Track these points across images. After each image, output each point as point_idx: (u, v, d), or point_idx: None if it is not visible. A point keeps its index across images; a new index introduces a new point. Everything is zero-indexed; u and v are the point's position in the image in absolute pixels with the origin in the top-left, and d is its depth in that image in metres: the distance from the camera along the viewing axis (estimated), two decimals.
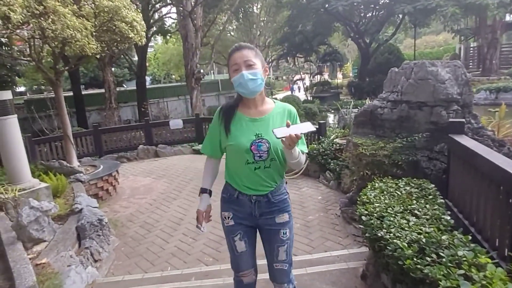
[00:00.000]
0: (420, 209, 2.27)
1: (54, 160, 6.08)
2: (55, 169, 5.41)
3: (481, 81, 17.58)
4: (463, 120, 2.99)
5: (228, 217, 1.83)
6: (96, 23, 5.23)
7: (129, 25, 5.21)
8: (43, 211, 3.32)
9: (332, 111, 16.87)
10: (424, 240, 1.82)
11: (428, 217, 2.18)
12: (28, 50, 6.36)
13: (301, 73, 28.68)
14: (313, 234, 3.88)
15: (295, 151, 1.62)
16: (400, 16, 17.74)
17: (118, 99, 15.54)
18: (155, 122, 10.47)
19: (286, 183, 1.89)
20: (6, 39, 5.10)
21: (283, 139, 1.51)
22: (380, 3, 17.66)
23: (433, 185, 2.72)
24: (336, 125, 10.09)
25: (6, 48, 10.16)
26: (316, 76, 26.29)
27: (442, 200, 2.48)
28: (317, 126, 6.81)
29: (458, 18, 15.74)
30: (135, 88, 17.33)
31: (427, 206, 2.34)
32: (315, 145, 6.06)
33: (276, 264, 1.89)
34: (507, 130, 4.38)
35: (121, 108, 17.56)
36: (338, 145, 5.63)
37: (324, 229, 3.97)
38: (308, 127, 1.57)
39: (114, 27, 5.26)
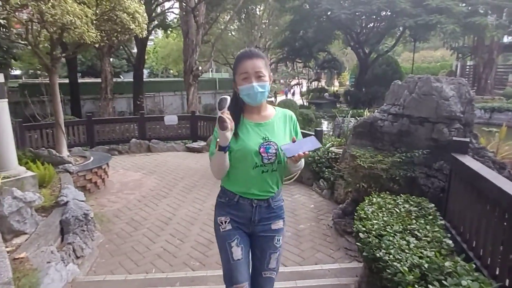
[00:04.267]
0: (420, 230, 2.20)
1: (43, 148, 5.89)
2: (44, 157, 5.23)
3: (476, 100, 17.77)
4: (468, 140, 2.93)
5: (225, 222, 1.76)
6: (97, 11, 5.09)
7: (131, 16, 5.09)
8: (26, 202, 3.17)
9: (327, 118, 16.85)
10: (426, 265, 1.74)
11: (429, 239, 2.10)
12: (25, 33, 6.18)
13: (299, 78, 28.68)
14: (303, 244, 3.79)
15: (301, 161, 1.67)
16: (401, 29, 17.84)
17: (114, 90, 15.32)
18: (149, 116, 10.34)
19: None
20: (5, 21, 4.92)
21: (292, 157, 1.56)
22: (382, 14, 17.70)
23: (432, 205, 2.65)
24: (331, 133, 10.04)
25: (4, 30, 9.91)
26: (313, 82, 26.32)
27: (442, 222, 2.41)
28: (314, 133, 6.76)
29: (457, 36, 15.93)
30: (132, 80, 17.11)
31: (428, 227, 2.27)
32: (310, 152, 5.98)
33: (265, 272, 1.84)
34: (506, 152, 4.37)
35: (116, 99, 17.31)
36: (333, 153, 5.56)
37: (316, 239, 3.88)
38: (314, 143, 1.60)
39: (115, 17, 5.13)
